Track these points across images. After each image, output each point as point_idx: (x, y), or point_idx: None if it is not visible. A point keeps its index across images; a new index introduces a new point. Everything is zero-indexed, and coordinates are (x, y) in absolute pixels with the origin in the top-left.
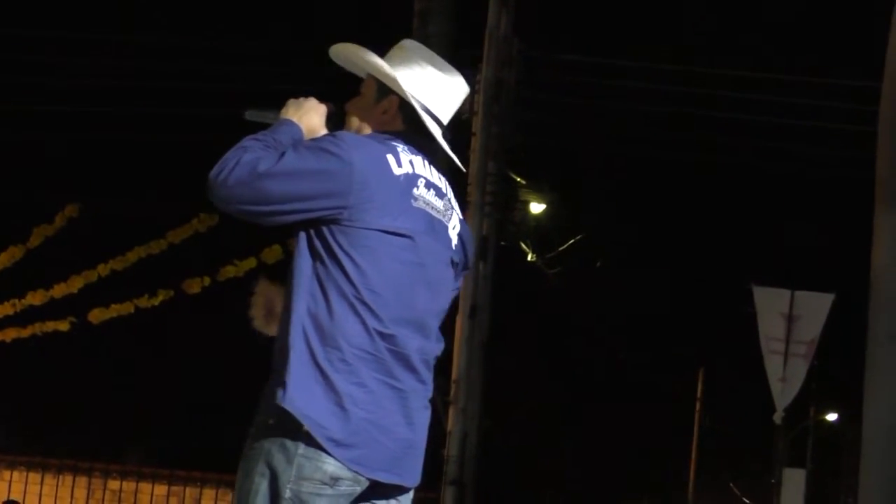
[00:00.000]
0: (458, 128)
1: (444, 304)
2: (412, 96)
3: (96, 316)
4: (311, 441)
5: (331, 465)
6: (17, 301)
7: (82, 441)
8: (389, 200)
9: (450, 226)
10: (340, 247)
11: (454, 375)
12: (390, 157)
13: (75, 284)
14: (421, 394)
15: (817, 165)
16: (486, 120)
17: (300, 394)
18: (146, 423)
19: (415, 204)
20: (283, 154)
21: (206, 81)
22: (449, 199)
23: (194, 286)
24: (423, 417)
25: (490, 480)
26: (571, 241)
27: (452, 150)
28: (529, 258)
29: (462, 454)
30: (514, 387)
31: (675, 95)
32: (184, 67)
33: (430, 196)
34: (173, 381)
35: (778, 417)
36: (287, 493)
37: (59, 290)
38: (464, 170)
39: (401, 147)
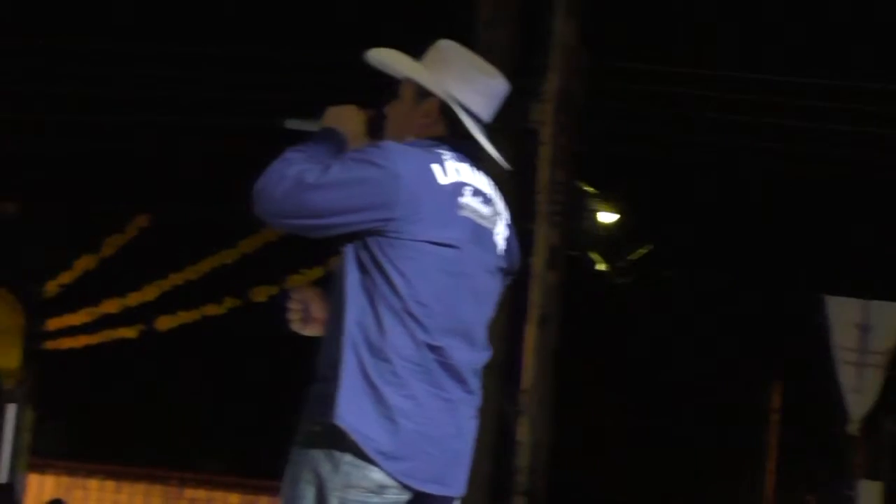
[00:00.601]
0: (525, 138)
1: (490, 312)
2: (452, 97)
3: (164, 323)
4: (359, 451)
5: (378, 474)
6: (92, 309)
7: (158, 450)
8: (436, 211)
9: (496, 232)
10: (387, 259)
11: (524, 385)
12: (436, 167)
13: (149, 293)
14: (469, 404)
15: (893, 172)
16: (554, 129)
17: (350, 408)
18: (222, 432)
19: (461, 213)
20: (328, 166)
21: (280, 91)
22: (495, 204)
23: (262, 294)
24: (471, 427)
25: (560, 491)
26: (641, 250)
27: (511, 155)
28: (599, 267)
29: (532, 464)
30: (584, 396)
31: (743, 103)
32: (253, 78)
33: (477, 203)
34: (245, 389)
35: (853, 429)
36: (334, 502)
37: (133, 299)
38: (507, 167)
39: (446, 155)
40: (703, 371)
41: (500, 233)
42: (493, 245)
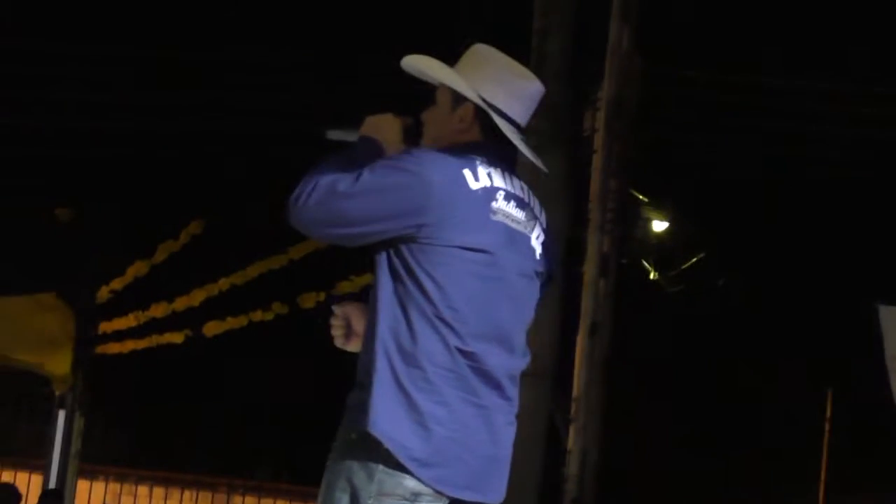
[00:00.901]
0: (579, 145)
1: (528, 317)
2: (487, 102)
3: (211, 329)
4: (392, 459)
5: (412, 482)
6: (140, 313)
7: (208, 456)
8: (468, 216)
9: (532, 236)
10: (419, 265)
11: (574, 393)
12: (467, 172)
13: (197, 298)
14: (505, 410)
15: None
16: (608, 137)
17: (383, 416)
18: (272, 438)
19: (493, 217)
20: (360, 174)
21: (329, 97)
22: (532, 209)
23: (309, 301)
24: (508, 434)
25: (609, 499)
26: (694, 259)
27: (564, 163)
28: (651, 276)
29: (582, 473)
30: (635, 405)
31: (796, 112)
32: (304, 83)
33: (510, 208)
34: (295, 396)
35: None
36: None
37: (181, 304)
38: (545, 171)
39: (479, 159)
40: (755, 379)
41: (537, 237)
42: (530, 249)
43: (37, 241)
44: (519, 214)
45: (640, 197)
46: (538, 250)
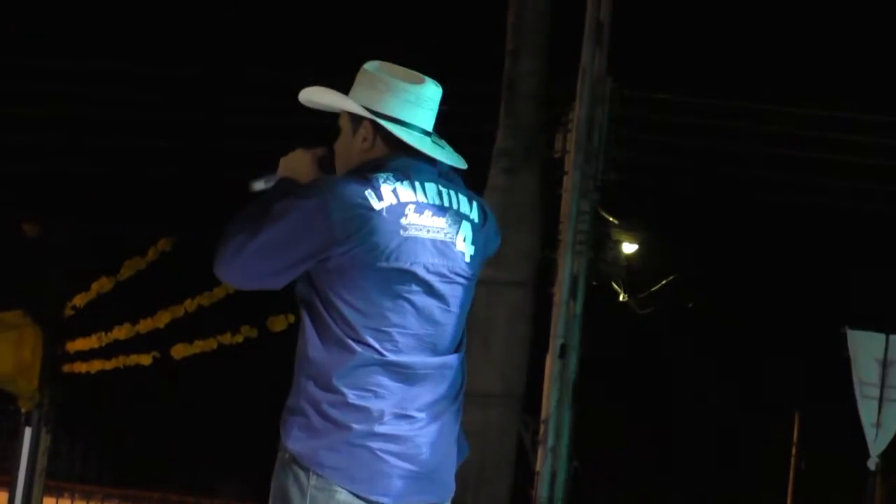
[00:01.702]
0: (550, 166)
1: (460, 317)
2: (381, 114)
3: (179, 351)
4: (322, 476)
5: (343, 494)
6: (102, 334)
7: (175, 474)
8: (377, 237)
9: (458, 239)
10: (334, 291)
11: (543, 415)
12: (369, 193)
13: (162, 319)
14: (446, 410)
15: None
16: (579, 159)
17: (309, 435)
18: (239, 457)
19: (405, 233)
20: (263, 226)
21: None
22: (455, 210)
23: (278, 324)
24: (449, 433)
25: None
26: (664, 281)
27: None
28: (621, 298)
29: (551, 495)
30: (604, 427)
31: (769, 135)
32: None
33: (425, 219)
34: (262, 415)
35: (873, 463)
36: None
37: (144, 326)
38: (463, 166)
39: (382, 177)
40: (724, 402)
41: (464, 238)
42: (455, 254)
43: (3, 257)
44: (437, 222)
45: (611, 219)
46: (467, 252)
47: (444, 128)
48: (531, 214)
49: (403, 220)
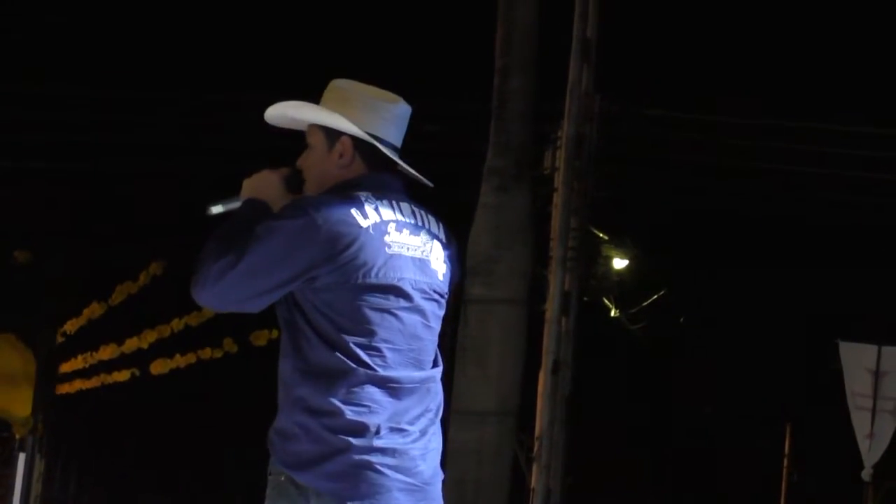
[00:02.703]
0: (540, 183)
1: (437, 333)
2: (361, 130)
3: (157, 367)
4: (325, 493)
5: None
6: (89, 355)
7: (169, 498)
8: (365, 255)
9: (433, 258)
10: (322, 311)
11: (537, 432)
12: (354, 211)
13: (147, 339)
14: (431, 423)
15: None
16: (568, 175)
17: (304, 457)
18: (236, 479)
19: (389, 251)
20: (248, 248)
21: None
22: (428, 230)
23: (261, 339)
24: (436, 445)
25: None
26: (655, 296)
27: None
28: (612, 314)
29: None
30: (597, 443)
31: (760, 150)
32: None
33: (404, 237)
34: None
35: (866, 475)
36: None
37: (130, 345)
38: (430, 185)
39: (364, 196)
40: (716, 416)
41: (437, 257)
42: (432, 271)
43: None
44: (414, 241)
45: (601, 235)
46: (441, 270)
47: (434, 146)
48: (523, 232)
49: (387, 238)
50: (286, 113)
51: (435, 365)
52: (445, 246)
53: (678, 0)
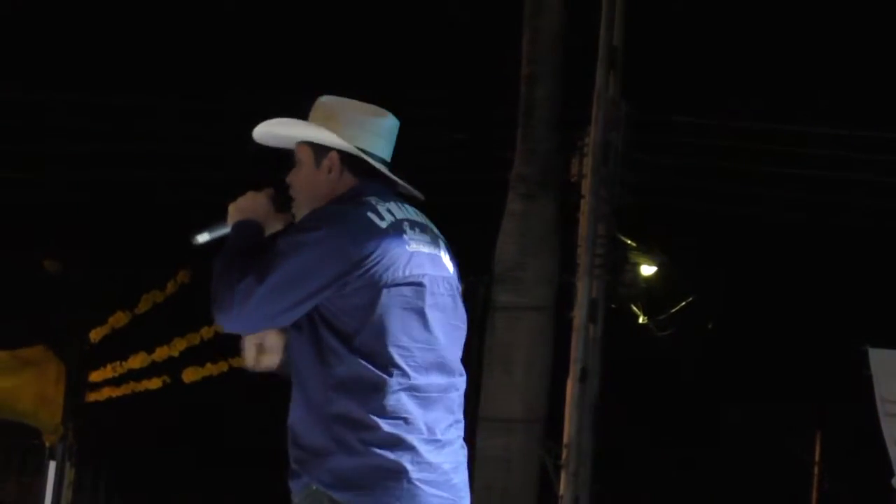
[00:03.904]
0: (567, 191)
1: (462, 336)
2: (349, 145)
3: (189, 375)
4: None
5: None
6: (118, 365)
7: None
8: (390, 254)
9: (442, 254)
10: (347, 317)
11: (565, 439)
12: (371, 214)
13: (177, 347)
14: (458, 433)
15: None
16: (595, 183)
17: (345, 475)
18: (268, 486)
19: (409, 248)
20: (268, 263)
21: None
22: (431, 229)
23: None
24: (464, 456)
25: None
26: (682, 303)
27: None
28: (640, 321)
29: None
30: (626, 450)
31: (786, 155)
32: None
33: (418, 234)
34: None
35: None
36: None
37: (160, 354)
38: (421, 198)
39: (372, 199)
40: (746, 422)
41: (444, 255)
42: (445, 268)
43: (25, 292)
44: (426, 238)
45: (628, 241)
46: (450, 267)
47: (462, 154)
48: (550, 239)
49: (405, 236)
50: (273, 130)
51: (460, 374)
52: (446, 246)
53: (704, 7)
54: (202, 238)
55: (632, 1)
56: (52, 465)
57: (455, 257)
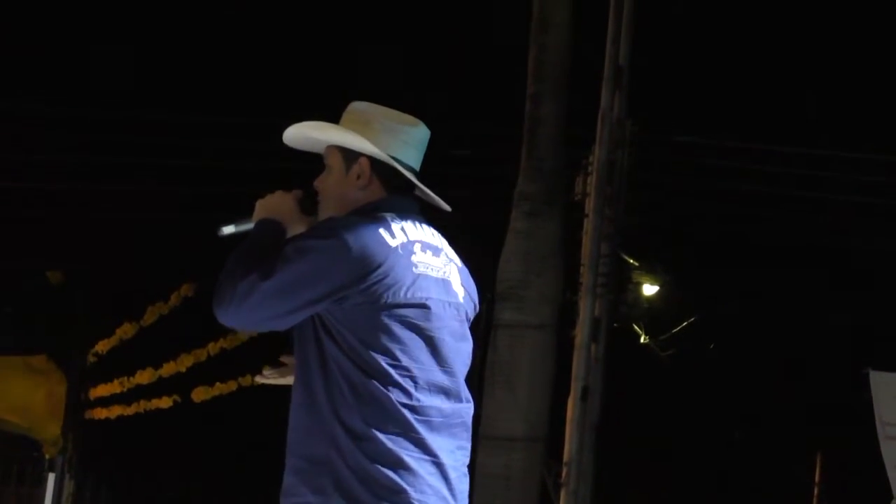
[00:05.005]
0: (571, 209)
1: (467, 361)
2: (380, 152)
3: (199, 395)
4: None
5: None
6: (125, 380)
7: None
8: (395, 274)
9: (453, 280)
10: (353, 333)
11: (565, 458)
12: (383, 231)
13: (184, 363)
14: (460, 461)
15: None
16: (599, 201)
17: (341, 487)
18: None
19: (416, 270)
20: (275, 265)
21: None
22: (445, 253)
23: None
24: (464, 485)
25: None
26: (685, 323)
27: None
28: (642, 340)
29: None
30: (626, 470)
31: (788, 177)
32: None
33: (429, 257)
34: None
35: None
36: None
37: (167, 370)
38: (448, 209)
39: (389, 216)
40: (745, 444)
41: (456, 280)
42: (454, 293)
43: (27, 302)
44: (437, 262)
45: (631, 261)
46: (461, 293)
47: (465, 171)
48: (553, 258)
49: (414, 258)
50: (305, 133)
51: (467, 400)
52: (460, 270)
53: (711, 26)
54: (227, 230)
55: (638, 20)
56: (52, 477)
57: (475, 283)
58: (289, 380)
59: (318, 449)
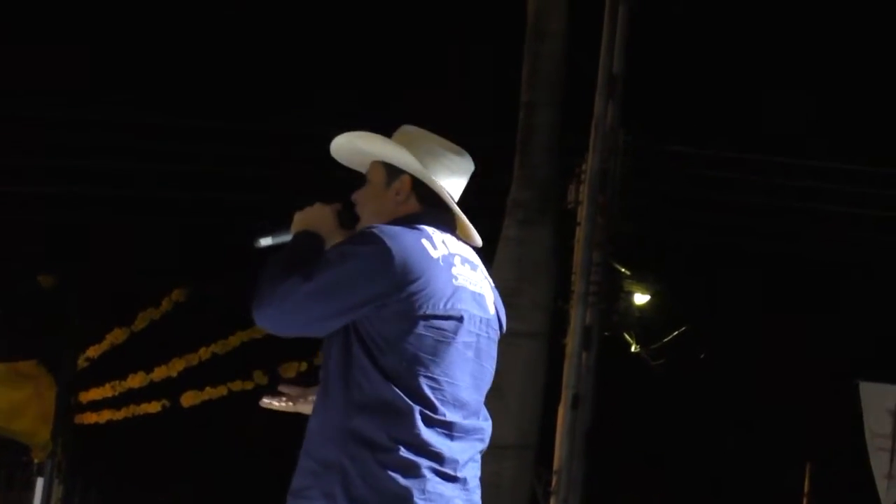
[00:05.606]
0: (563, 217)
1: (489, 380)
2: (423, 172)
3: (189, 399)
4: None
5: None
6: (116, 383)
7: None
8: (435, 284)
9: (486, 296)
10: (382, 339)
11: (555, 466)
12: (425, 241)
13: (175, 368)
14: (475, 473)
15: None
16: (591, 210)
17: (352, 495)
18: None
19: (456, 283)
20: (318, 269)
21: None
22: (481, 270)
23: (290, 371)
24: (477, 496)
25: None
26: (676, 332)
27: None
28: (633, 349)
29: None
30: (616, 478)
31: (780, 187)
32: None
33: (467, 271)
34: (277, 465)
35: None
36: None
37: (159, 374)
38: (479, 242)
39: (430, 228)
40: (736, 454)
41: (490, 297)
42: (486, 309)
43: (18, 306)
44: (475, 277)
45: (623, 270)
46: (492, 310)
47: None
48: (546, 266)
49: (454, 270)
50: (354, 143)
51: (485, 418)
52: (493, 290)
53: (704, 37)
54: (265, 242)
55: (632, 30)
56: (41, 482)
57: (500, 303)
58: (299, 408)
59: (331, 454)
